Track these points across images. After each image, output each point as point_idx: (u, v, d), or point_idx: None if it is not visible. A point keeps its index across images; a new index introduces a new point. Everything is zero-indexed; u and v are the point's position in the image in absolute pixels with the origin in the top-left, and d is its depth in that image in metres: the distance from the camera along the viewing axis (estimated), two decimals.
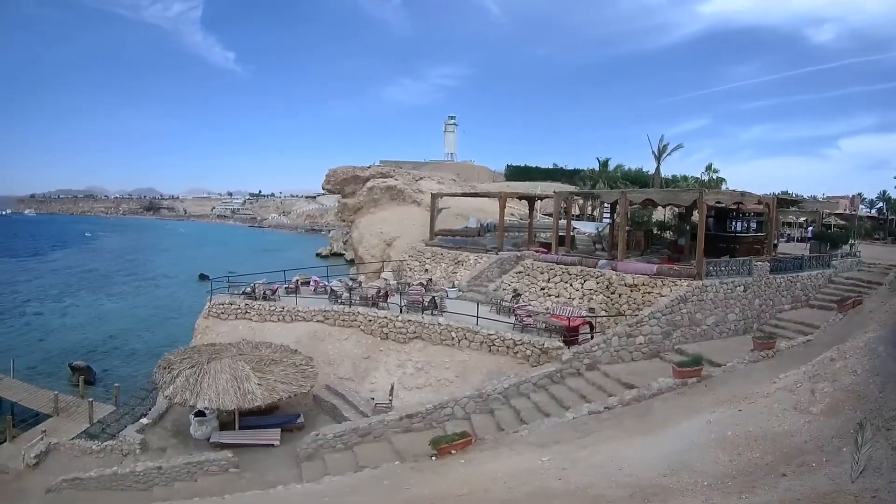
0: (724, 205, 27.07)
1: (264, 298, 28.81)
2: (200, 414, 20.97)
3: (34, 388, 30.97)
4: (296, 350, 23.38)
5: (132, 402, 28.78)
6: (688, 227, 30.74)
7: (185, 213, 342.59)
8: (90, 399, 27.95)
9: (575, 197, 39.56)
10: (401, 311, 25.14)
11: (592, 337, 21.20)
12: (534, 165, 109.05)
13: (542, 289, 26.63)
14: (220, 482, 17.01)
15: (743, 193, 26.37)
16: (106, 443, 22.00)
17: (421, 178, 57.58)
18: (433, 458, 13.65)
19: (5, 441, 23.99)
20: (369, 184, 52.63)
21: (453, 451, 13.56)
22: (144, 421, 23.41)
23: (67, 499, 17.89)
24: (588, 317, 22.78)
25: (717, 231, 28.80)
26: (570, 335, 20.96)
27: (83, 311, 61.31)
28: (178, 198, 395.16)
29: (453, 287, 29.52)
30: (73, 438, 23.23)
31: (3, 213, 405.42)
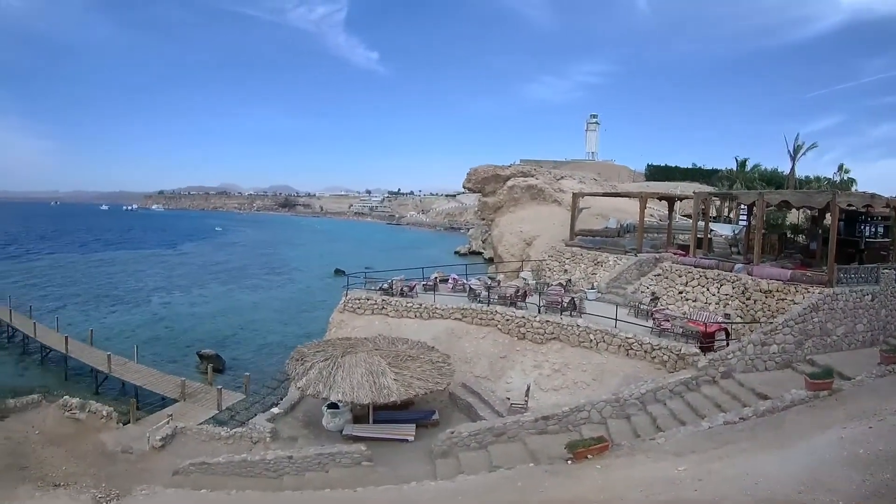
0: (854, 208, 28.62)
1: (402, 295, 32.76)
2: (333, 406, 23.68)
3: (159, 373, 35.99)
4: (433, 347, 26.21)
5: (262, 391, 31.78)
6: (819, 231, 33.72)
7: (322, 210, 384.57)
8: (219, 387, 31.46)
9: (713, 198, 43.13)
10: (539, 312, 28.02)
11: (728, 344, 23.27)
12: (673, 165, 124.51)
13: (680, 292, 29.83)
14: (351, 475, 19.09)
15: (873, 196, 28.10)
16: (235, 430, 24.77)
17: (562, 178, 66.00)
18: (568, 461, 15.30)
19: (129, 423, 27.68)
20: (510, 183, 60.34)
21: (589, 456, 15.14)
22: (276, 410, 26.17)
23: (195, 481, 20.15)
24: (724, 323, 25.02)
25: (846, 235, 30.65)
26: (706, 341, 23.17)
27: (213, 302, 69.76)
28: (314, 195, 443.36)
29: (592, 288, 32.90)
30: (200, 424, 26.30)
31: (130, 208, 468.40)
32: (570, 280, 36.16)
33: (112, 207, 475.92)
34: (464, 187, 72.30)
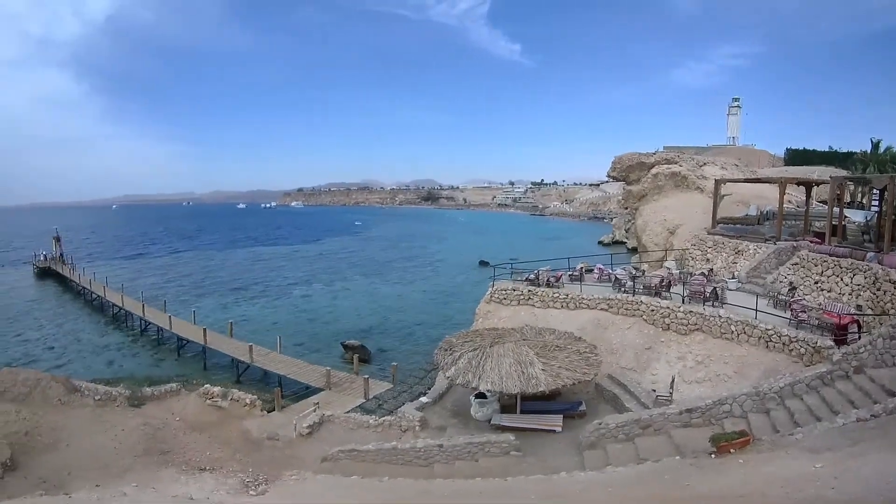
0: None
1: (548, 285, 34.14)
2: (481, 396, 24.59)
3: (303, 362, 37.84)
4: (579, 337, 26.92)
5: (410, 380, 33.08)
6: None
7: (465, 202, 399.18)
8: (366, 376, 32.77)
9: (848, 183, 43.34)
10: (683, 302, 28.83)
11: (860, 337, 22.79)
12: (811, 148, 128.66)
13: (816, 282, 30.20)
14: (500, 464, 19.86)
15: None
16: (384, 418, 25.81)
17: (704, 164, 67.16)
18: (712, 455, 15.86)
19: (273, 410, 29.22)
20: (654, 170, 63.18)
21: (732, 451, 15.70)
22: (424, 399, 27.30)
23: (344, 468, 20.99)
24: (856, 315, 24.84)
25: None
26: (839, 334, 23.12)
27: (356, 295, 73.24)
28: (457, 188, 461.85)
29: (733, 278, 33.78)
30: (347, 412, 27.44)
31: (268, 206, 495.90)
32: (711, 269, 37.16)
33: (249, 206, 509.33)
34: (608, 176, 75.87)
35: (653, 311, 28.98)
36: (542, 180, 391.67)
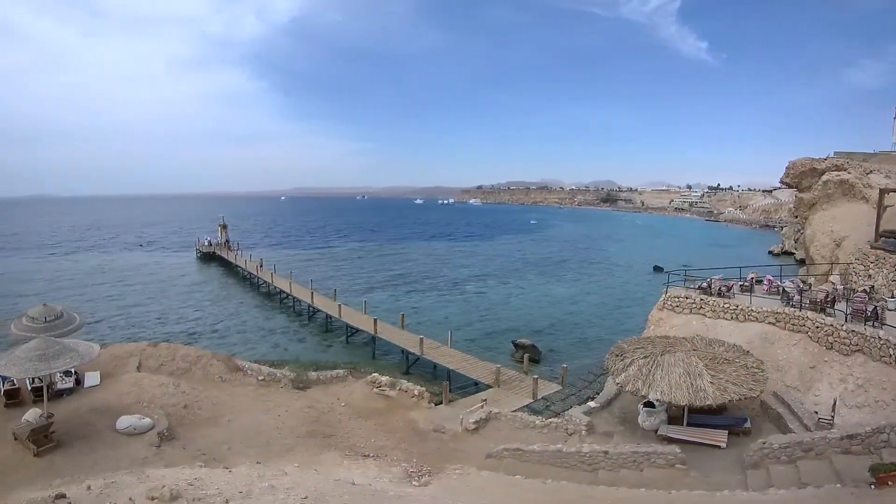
0: None
1: (719, 294, 33.62)
2: (649, 405, 24.52)
3: (473, 358, 38.29)
4: (747, 351, 26.23)
5: (579, 384, 33.12)
6: None
7: (643, 205, 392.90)
8: (535, 376, 32.87)
9: None
10: (846, 320, 27.23)
11: None
12: None
13: None
14: (665, 476, 19.62)
15: None
16: (550, 420, 25.70)
17: (870, 172, 62.81)
18: (871, 486, 15.71)
19: (440, 403, 29.79)
20: (824, 177, 60.32)
21: (890, 483, 15.41)
22: (592, 404, 27.16)
23: (508, 466, 21.06)
24: None
25: None
26: None
27: (530, 294, 73.55)
28: (636, 190, 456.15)
29: (893, 297, 31.52)
30: (514, 411, 27.42)
31: (446, 202, 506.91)
32: (872, 287, 35.27)
33: (426, 202, 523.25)
34: (781, 182, 72.96)
35: (818, 327, 27.84)
36: (718, 185, 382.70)
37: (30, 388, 24.89)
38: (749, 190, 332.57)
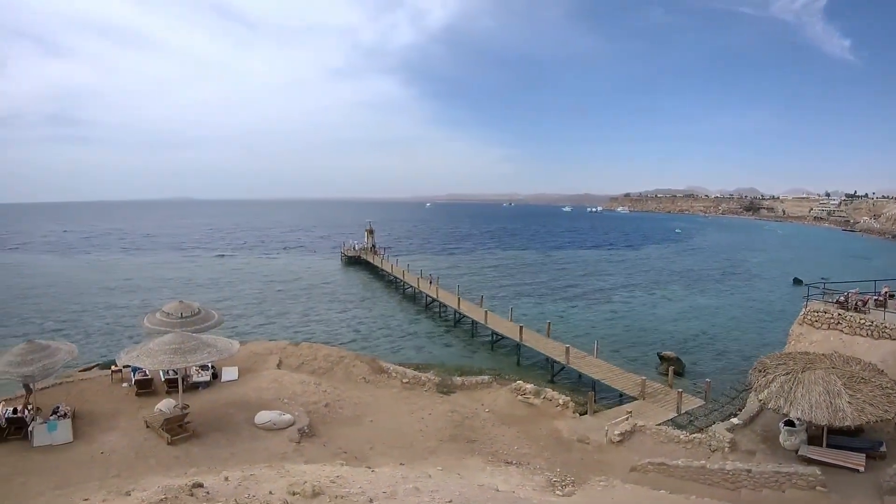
0: None
1: (855, 309, 31.98)
2: (790, 423, 23.61)
3: (618, 369, 37.71)
4: (881, 370, 24.85)
5: (721, 399, 32.01)
6: None
7: (784, 213, 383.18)
8: (679, 389, 32.06)
9: None
10: None
11: None
12: None
13: None
14: (805, 498, 19.35)
15: None
16: (693, 435, 25.09)
17: None
18: None
19: (585, 414, 29.39)
20: None
21: None
22: (735, 421, 26.41)
23: (653, 480, 20.80)
24: None
25: None
26: None
27: (674, 305, 72.03)
28: (777, 198, 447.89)
29: None
30: (658, 424, 26.91)
31: (594, 209, 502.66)
32: None
33: (575, 209, 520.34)
34: None
35: None
36: (855, 192, 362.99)
37: (163, 379, 26.32)
38: (883, 198, 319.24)
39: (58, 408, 22.30)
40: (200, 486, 11.39)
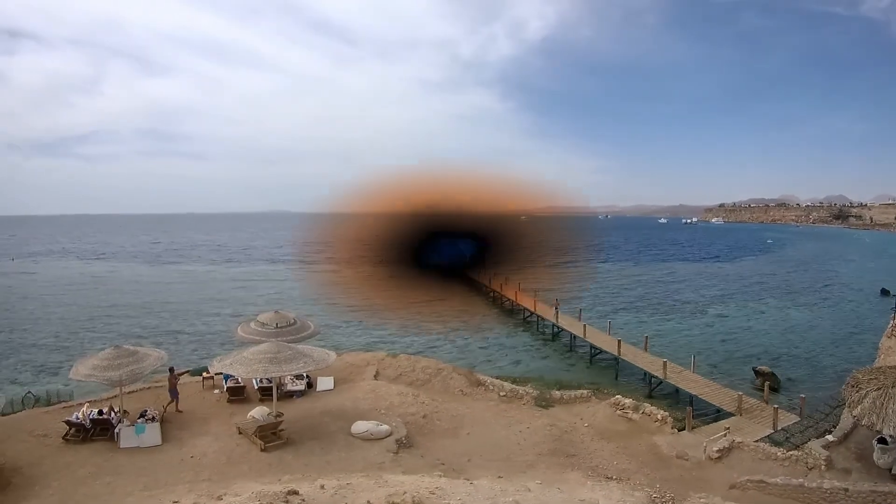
0: None
1: None
2: (882, 441, 22.80)
3: (715, 384, 37.21)
4: None
5: (816, 415, 31.19)
6: None
7: (871, 221, 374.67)
8: (775, 405, 31.51)
9: None
10: None
11: None
12: None
13: None
14: None
15: None
16: (791, 452, 24.59)
17: None
18: None
19: (683, 429, 29.04)
20: None
21: None
22: (830, 438, 25.90)
23: (752, 498, 20.67)
24: None
25: None
26: None
27: (768, 318, 70.20)
28: (865, 205, 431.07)
29: None
30: (756, 441, 26.56)
31: (689, 221, 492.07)
32: None
33: (670, 221, 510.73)
34: None
35: None
36: None
37: (256, 387, 26.57)
38: None
39: (146, 411, 23.05)
40: (296, 493, 11.69)
